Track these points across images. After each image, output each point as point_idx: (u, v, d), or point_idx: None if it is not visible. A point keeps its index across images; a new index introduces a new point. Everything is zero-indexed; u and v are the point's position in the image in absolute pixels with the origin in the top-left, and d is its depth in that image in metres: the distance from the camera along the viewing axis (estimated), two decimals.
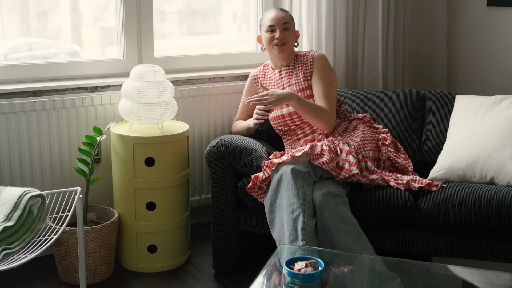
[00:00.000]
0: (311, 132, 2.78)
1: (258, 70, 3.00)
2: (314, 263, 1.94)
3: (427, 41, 3.66)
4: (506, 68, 3.37)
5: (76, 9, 3.10)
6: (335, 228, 2.33)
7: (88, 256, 2.66)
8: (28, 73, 2.88)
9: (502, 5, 3.34)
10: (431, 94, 3.06)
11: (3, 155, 2.76)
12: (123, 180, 2.76)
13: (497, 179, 2.54)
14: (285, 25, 2.83)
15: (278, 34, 2.81)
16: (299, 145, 2.79)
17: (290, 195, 2.36)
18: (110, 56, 3.16)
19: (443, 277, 2.18)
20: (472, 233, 2.40)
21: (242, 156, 2.63)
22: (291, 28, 2.85)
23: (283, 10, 2.88)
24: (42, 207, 2.27)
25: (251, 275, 2.37)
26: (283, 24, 2.83)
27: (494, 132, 2.60)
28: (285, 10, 2.89)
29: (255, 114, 2.77)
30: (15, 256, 2.13)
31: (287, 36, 2.83)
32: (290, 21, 2.86)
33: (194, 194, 3.32)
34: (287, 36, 2.83)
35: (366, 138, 2.71)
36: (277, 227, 2.43)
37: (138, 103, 2.73)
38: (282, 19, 2.83)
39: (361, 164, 2.51)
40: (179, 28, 3.54)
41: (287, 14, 2.87)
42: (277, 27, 2.82)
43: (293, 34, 2.88)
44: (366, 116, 2.91)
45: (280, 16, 2.83)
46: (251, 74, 3.02)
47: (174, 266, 2.89)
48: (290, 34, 2.84)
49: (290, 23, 2.85)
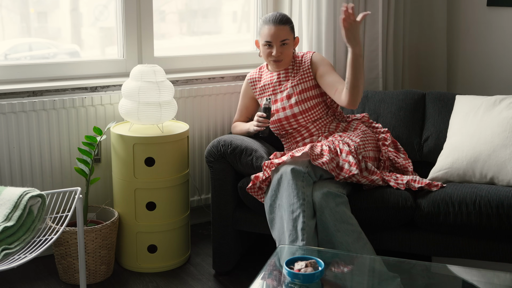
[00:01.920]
0: (308, 135, 2.78)
1: (254, 72, 2.97)
2: (314, 263, 1.94)
3: (427, 41, 3.66)
4: (506, 68, 3.37)
5: (76, 9, 3.11)
6: (335, 228, 2.33)
7: (88, 256, 2.66)
8: (28, 73, 2.88)
9: (502, 5, 3.34)
10: (431, 94, 3.06)
11: (3, 155, 2.77)
12: (123, 180, 2.76)
13: (497, 179, 2.55)
14: (283, 42, 2.74)
15: (275, 52, 2.74)
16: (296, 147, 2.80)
17: (290, 195, 2.36)
18: (110, 56, 3.16)
19: (443, 277, 2.18)
20: (472, 233, 2.40)
21: (242, 156, 2.63)
22: (289, 42, 2.76)
23: (282, 22, 2.73)
24: (42, 207, 2.27)
25: (251, 275, 2.38)
26: (280, 41, 2.74)
27: (494, 132, 2.60)
28: (284, 21, 2.74)
29: (256, 121, 2.76)
30: (15, 256, 2.13)
31: (284, 52, 2.75)
32: (288, 36, 2.74)
33: (194, 194, 3.32)
34: (285, 52, 2.75)
35: (366, 138, 2.71)
36: (277, 227, 2.43)
37: (138, 103, 2.73)
38: (280, 37, 2.72)
39: (361, 164, 2.51)
40: (179, 28, 3.54)
41: (287, 27, 2.74)
42: (274, 44, 2.74)
43: (292, 45, 2.78)
44: (364, 116, 2.91)
45: (278, 34, 2.72)
46: (247, 77, 2.98)
47: (174, 266, 2.89)
48: (288, 49, 2.76)
49: (288, 38, 2.74)
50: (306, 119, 2.79)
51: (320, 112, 2.80)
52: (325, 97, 2.81)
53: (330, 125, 2.81)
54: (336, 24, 3.31)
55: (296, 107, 2.77)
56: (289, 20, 2.79)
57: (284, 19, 2.76)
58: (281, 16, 2.76)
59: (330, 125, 2.81)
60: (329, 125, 2.81)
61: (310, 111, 2.78)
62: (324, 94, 2.81)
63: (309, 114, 2.78)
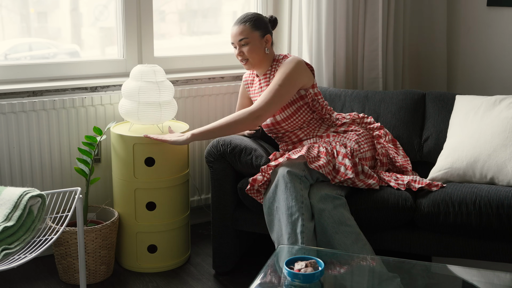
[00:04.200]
0: (297, 141, 2.77)
1: (248, 75, 2.96)
2: (314, 263, 1.94)
3: (427, 41, 3.66)
4: (506, 68, 3.37)
5: (76, 9, 3.10)
6: (333, 230, 2.33)
7: (88, 256, 2.66)
8: (28, 73, 2.88)
9: (502, 5, 3.34)
10: (431, 94, 3.06)
11: (3, 155, 2.77)
12: (123, 180, 2.76)
13: (497, 179, 2.55)
14: (242, 41, 2.70)
15: (237, 52, 2.75)
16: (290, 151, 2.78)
17: (287, 198, 2.36)
18: (110, 56, 3.16)
19: (443, 277, 2.18)
20: (472, 233, 2.40)
21: (241, 156, 2.62)
22: (250, 41, 2.70)
23: (242, 21, 2.71)
24: (42, 207, 2.27)
25: (251, 275, 2.37)
26: (239, 42, 2.71)
27: (494, 132, 2.60)
28: (245, 19, 2.71)
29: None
30: (15, 256, 2.13)
31: (247, 52, 2.71)
32: (247, 35, 2.69)
33: (194, 194, 3.32)
34: (247, 52, 2.71)
35: (361, 140, 2.69)
36: (275, 229, 2.43)
37: (138, 103, 2.73)
38: (237, 36, 2.71)
39: (358, 167, 2.50)
40: (179, 28, 3.54)
41: (246, 26, 2.70)
42: (236, 44, 2.74)
43: (255, 45, 2.71)
44: (354, 115, 2.85)
45: (235, 33, 2.71)
46: (243, 77, 2.99)
47: (174, 266, 2.89)
48: (250, 49, 2.70)
49: (247, 38, 2.69)
50: (290, 125, 2.75)
51: (303, 117, 2.74)
52: (307, 99, 2.74)
53: (318, 130, 2.77)
54: (336, 24, 3.31)
55: (278, 115, 2.75)
56: (252, 18, 2.72)
57: (246, 18, 2.72)
58: (244, 15, 2.74)
59: (319, 130, 2.77)
60: (317, 131, 2.77)
61: (292, 117, 2.74)
62: (304, 97, 2.73)
63: (293, 120, 2.74)
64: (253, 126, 2.64)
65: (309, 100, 2.73)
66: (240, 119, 2.60)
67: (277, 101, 2.62)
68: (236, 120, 2.60)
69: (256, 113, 2.60)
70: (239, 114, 2.62)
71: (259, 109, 2.61)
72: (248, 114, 2.60)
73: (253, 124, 2.62)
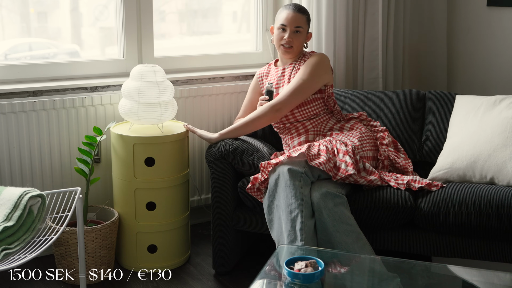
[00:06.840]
0: (304, 132, 2.79)
1: (264, 69, 3.02)
2: (314, 263, 1.94)
3: (427, 41, 3.66)
4: (506, 68, 3.37)
5: (76, 9, 3.10)
6: (334, 228, 2.33)
7: (88, 256, 2.66)
8: (28, 73, 2.88)
9: (502, 5, 3.34)
10: (431, 94, 3.06)
11: (3, 155, 2.76)
12: (123, 180, 2.76)
13: (497, 179, 2.54)
14: (297, 29, 2.79)
15: (287, 36, 2.79)
16: (292, 146, 2.80)
17: (287, 195, 2.36)
18: (110, 56, 3.16)
19: (443, 277, 2.18)
20: (472, 233, 2.40)
21: (243, 156, 2.62)
22: (303, 31, 2.81)
23: (301, 11, 2.81)
24: (42, 207, 2.27)
25: (251, 275, 2.38)
26: (295, 27, 2.79)
27: (494, 132, 2.60)
28: (303, 10, 2.83)
29: (259, 105, 2.83)
30: (15, 256, 2.13)
31: (295, 39, 2.79)
32: (303, 25, 2.80)
33: (194, 194, 3.32)
34: (296, 40, 2.80)
35: (364, 138, 2.71)
36: (275, 227, 2.43)
37: (138, 103, 2.73)
38: (295, 22, 2.78)
39: (359, 165, 2.51)
40: (179, 28, 3.54)
41: (303, 16, 2.81)
42: (288, 28, 2.79)
43: (304, 37, 2.83)
44: (362, 114, 2.91)
45: (294, 18, 2.78)
46: (257, 73, 3.04)
47: (174, 266, 2.89)
48: (299, 38, 2.81)
49: (302, 27, 2.80)
50: (302, 114, 2.79)
51: (316, 109, 2.80)
52: (323, 94, 2.82)
53: (327, 123, 2.82)
54: (336, 24, 3.31)
55: None
56: (307, 13, 2.87)
57: (304, 10, 2.86)
58: (300, 5, 2.87)
59: (327, 124, 2.82)
60: (325, 123, 2.82)
61: (306, 106, 2.79)
62: (323, 91, 2.82)
63: (306, 109, 2.79)
64: (275, 119, 2.75)
65: (325, 96, 2.82)
66: (262, 113, 2.72)
67: (299, 95, 2.73)
68: (258, 115, 2.73)
69: (277, 106, 2.72)
70: (261, 109, 2.75)
71: (279, 102, 2.72)
72: (270, 107, 2.72)
73: (274, 117, 2.74)
